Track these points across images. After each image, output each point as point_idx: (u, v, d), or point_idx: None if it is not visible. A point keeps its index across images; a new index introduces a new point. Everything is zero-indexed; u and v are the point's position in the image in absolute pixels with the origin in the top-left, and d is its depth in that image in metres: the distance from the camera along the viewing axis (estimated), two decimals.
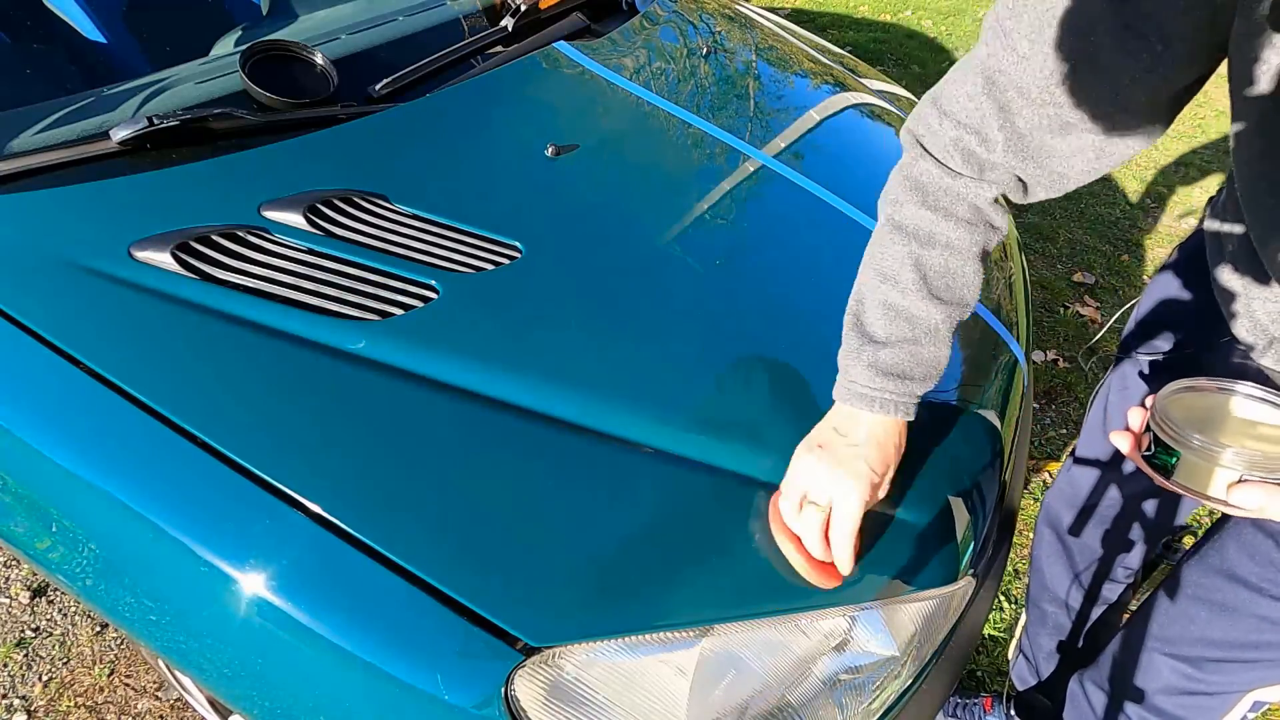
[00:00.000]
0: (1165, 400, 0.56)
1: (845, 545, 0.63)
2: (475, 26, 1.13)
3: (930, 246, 0.65)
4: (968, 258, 0.66)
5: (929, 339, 0.65)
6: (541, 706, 0.56)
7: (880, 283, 0.66)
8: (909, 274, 0.65)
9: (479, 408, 0.66)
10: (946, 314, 0.66)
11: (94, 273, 0.68)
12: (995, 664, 1.30)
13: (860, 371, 0.66)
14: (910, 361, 0.65)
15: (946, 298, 0.66)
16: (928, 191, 0.64)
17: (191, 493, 0.59)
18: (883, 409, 0.65)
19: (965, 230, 0.65)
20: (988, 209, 0.65)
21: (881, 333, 0.66)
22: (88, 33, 0.96)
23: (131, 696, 1.19)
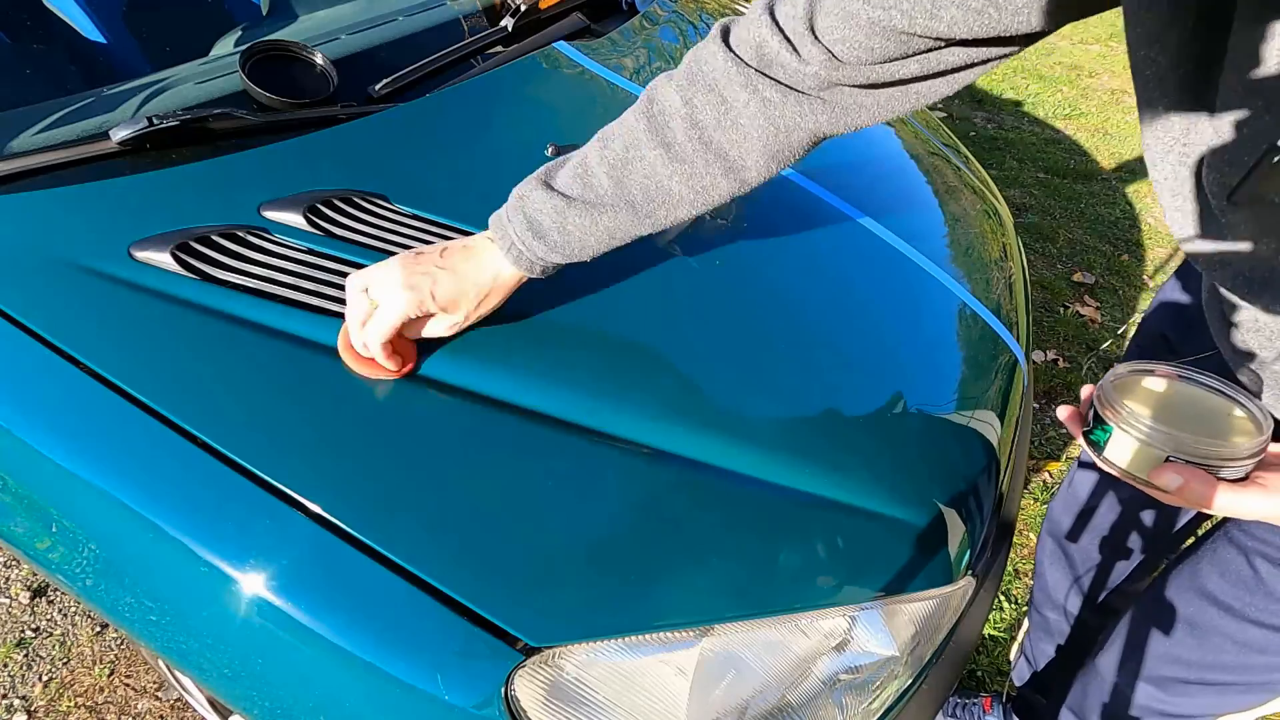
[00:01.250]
0: (1112, 378, 0.55)
1: (373, 345, 0.62)
2: (475, 26, 1.13)
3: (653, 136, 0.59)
4: (680, 177, 0.60)
5: (585, 212, 0.61)
6: (541, 706, 0.56)
7: (596, 141, 0.63)
8: (618, 145, 0.60)
9: (479, 407, 0.66)
10: (617, 207, 0.61)
11: (94, 273, 0.68)
12: (995, 664, 1.31)
13: (512, 201, 0.64)
14: (553, 219, 0.61)
15: (634, 195, 0.61)
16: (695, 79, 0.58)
17: (192, 493, 0.59)
18: (503, 246, 0.63)
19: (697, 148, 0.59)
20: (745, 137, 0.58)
21: (559, 181, 0.63)
22: (88, 33, 0.96)
23: (131, 696, 1.19)
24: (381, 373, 0.65)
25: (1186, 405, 0.54)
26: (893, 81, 0.57)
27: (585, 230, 0.62)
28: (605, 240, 0.63)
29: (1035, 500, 1.57)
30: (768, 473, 0.69)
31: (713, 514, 0.65)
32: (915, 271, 0.96)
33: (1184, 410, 0.53)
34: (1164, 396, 0.55)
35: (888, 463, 0.75)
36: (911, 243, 0.99)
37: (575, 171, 0.62)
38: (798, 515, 0.68)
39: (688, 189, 0.61)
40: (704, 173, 0.60)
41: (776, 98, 0.57)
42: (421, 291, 0.62)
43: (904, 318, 0.91)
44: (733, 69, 0.57)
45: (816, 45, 0.54)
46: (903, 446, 0.77)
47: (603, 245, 0.64)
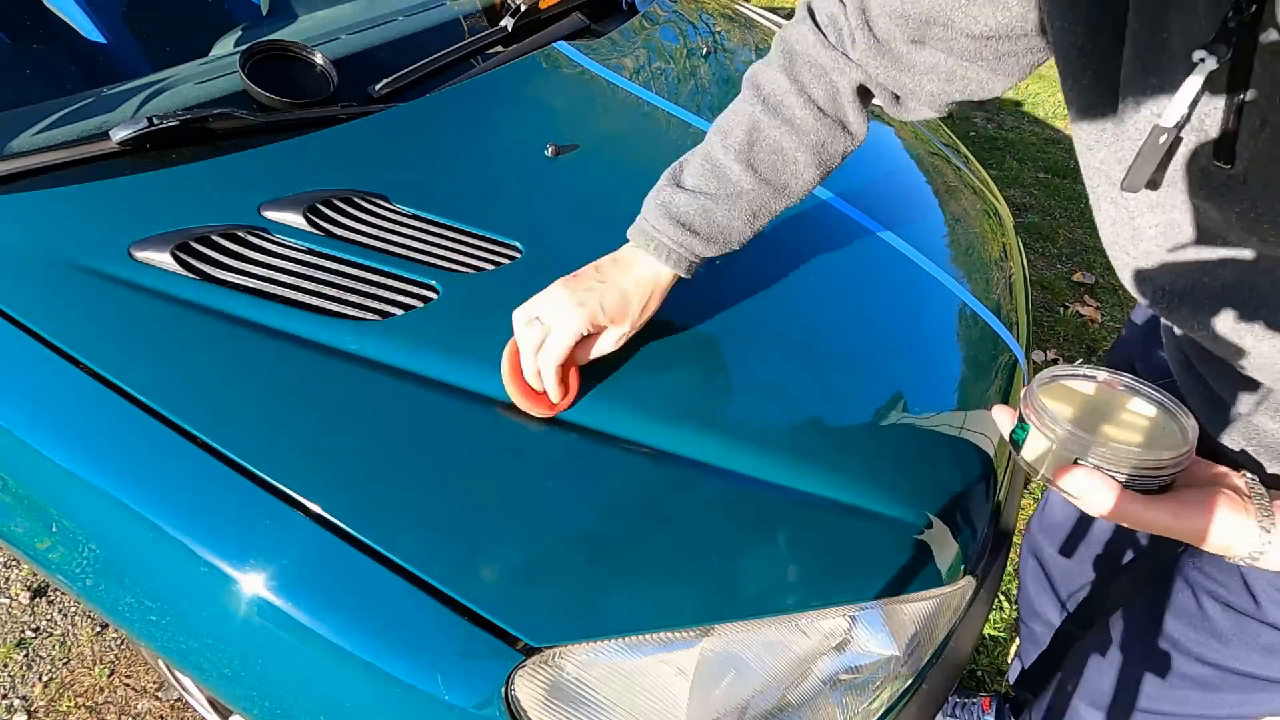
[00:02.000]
0: (1042, 379, 0.54)
1: (546, 370, 0.64)
2: (475, 26, 1.13)
3: (773, 115, 0.64)
4: (804, 145, 0.64)
5: (728, 202, 0.65)
6: (542, 706, 0.56)
7: (713, 135, 0.66)
8: (740, 134, 0.64)
9: (479, 408, 0.66)
10: (758, 188, 0.65)
11: (94, 273, 0.68)
12: (995, 664, 1.31)
13: (652, 210, 0.66)
14: (700, 215, 0.65)
15: (766, 174, 0.65)
16: (795, 57, 0.63)
17: (191, 493, 0.59)
18: (658, 253, 0.66)
19: (814, 115, 0.63)
20: (847, 100, 0.63)
21: (690, 181, 0.66)
22: (88, 33, 0.96)
23: (131, 696, 1.19)
24: (545, 407, 0.66)
25: (1116, 413, 0.53)
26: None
27: (731, 218, 0.65)
28: (750, 223, 0.67)
29: (1035, 501, 1.57)
30: (768, 473, 0.69)
31: (713, 514, 0.65)
32: (915, 271, 0.96)
33: (1112, 417, 0.52)
34: (1093, 401, 0.53)
35: (888, 463, 0.75)
36: (911, 242, 0.99)
37: (703, 168, 0.66)
38: (798, 515, 0.68)
39: (813, 156, 0.65)
40: (825, 136, 0.64)
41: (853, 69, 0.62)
42: (591, 307, 0.64)
43: (904, 318, 0.91)
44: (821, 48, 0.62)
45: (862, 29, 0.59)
46: (903, 446, 0.77)
47: (749, 229, 0.67)
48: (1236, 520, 0.47)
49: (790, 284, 0.88)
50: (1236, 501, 0.48)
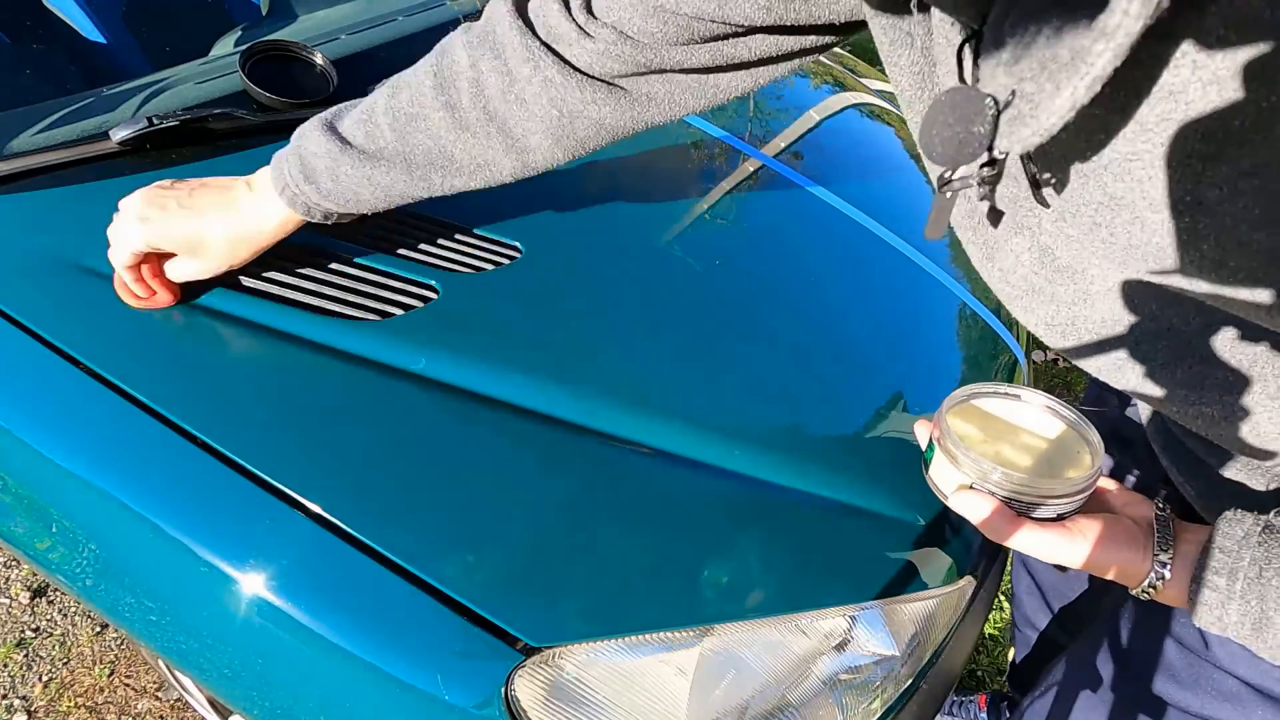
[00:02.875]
0: (955, 399, 0.54)
1: (117, 270, 0.61)
2: None
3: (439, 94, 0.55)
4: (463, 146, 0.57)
5: (358, 162, 0.57)
6: (542, 706, 0.56)
7: (387, 86, 0.58)
8: (406, 98, 0.56)
9: (479, 408, 0.66)
10: (393, 164, 0.57)
11: (94, 273, 0.68)
12: (995, 663, 1.31)
13: (295, 137, 0.59)
14: (327, 163, 0.57)
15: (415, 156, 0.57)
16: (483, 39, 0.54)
17: (191, 493, 0.59)
18: (275, 182, 0.59)
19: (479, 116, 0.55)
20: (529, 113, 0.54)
21: (345, 124, 0.58)
22: (88, 33, 0.96)
23: (131, 696, 1.19)
24: (134, 299, 0.63)
25: (1026, 436, 0.51)
26: (682, 69, 0.54)
27: (358, 182, 0.58)
28: (380, 197, 0.59)
29: None
30: (768, 473, 0.69)
31: (713, 514, 0.65)
32: (915, 271, 0.96)
33: (1020, 441, 0.51)
34: (1004, 424, 0.52)
35: (888, 463, 0.75)
36: (911, 243, 0.99)
37: (361, 117, 0.58)
38: (798, 515, 0.68)
39: (469, 159, 0.58)
40: (486, 145, 0.57)
41: (559, 78, 0.53)
42: (151, 225, 0.58)
43: (904, 317, 0.91)
44: (518, 39, 0.52)
45: (596, 23, 0.51)
46: (903, 447, 0.77)
47: (379, 202, 0.60)
48: (1129, 552, 0.46)
49: (790, 284, 0.88)
50: (1134, 532, 0.46)
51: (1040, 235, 0.43)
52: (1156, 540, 0.46)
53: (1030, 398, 0.53)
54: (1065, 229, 0.39)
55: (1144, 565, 0.46)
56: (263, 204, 0.60)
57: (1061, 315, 0.46)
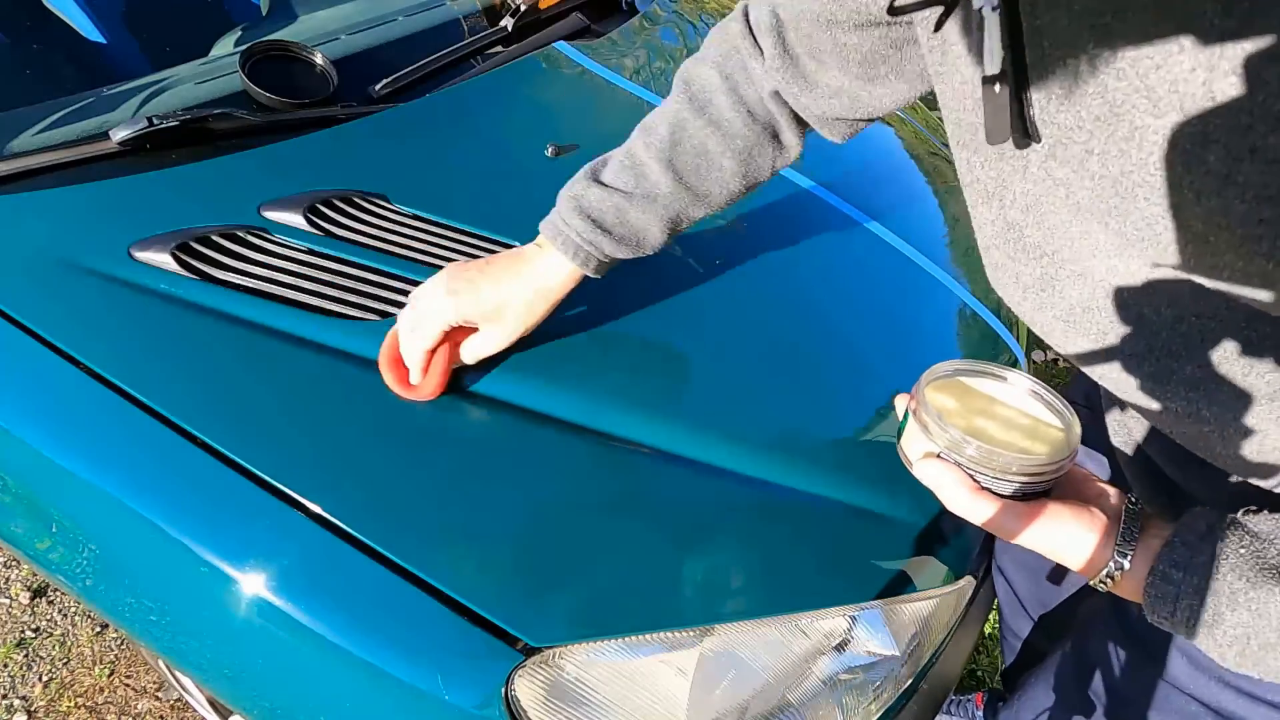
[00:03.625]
0: (939, 373, 0.53)
1: (414, 352, 0.63)
2: (475, 26, 1.13)
3: (699, 115, 0.59)
4: (730, 150, 0.60)
5: (643, 203, 0.60)
6: (542, 706, 0.56)
7: (638, 133, 0.62)
8: (664, 130, 0.60)
9: (479, 408, 0.66)
10: (675, 191, 0.60)
11: (94, 273, 0.68)
12: (995, 663, 1.31)
13: (565, 203, 0.62)
14: (613, 214, 0.60)
15: (688, 178, 0.60)
16: (728, 55, 0.59)
17: (192, 493, 0.59)
18: (563, 247, 0.61)
19: (742, 118, 0.58)
20: (778, 114, 0.58)
21: (607, 176, 0.62)
22: (88, 33, 0.96)
23: (131, 697, 1.19)
24: (410, 390, 0.64)
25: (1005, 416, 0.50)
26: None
27: (647, 221, 0.61)
28: (667, 228, 0.63)
29: None
30: (768, 473, 0.69)
31: (713, 514, 0.65)
32: (915, 271, 0.96)
33: (998, 419, 0.50)
34: (985, 401, 0.51)
35: (888, 463, 0.74)
36: (911, 242, 0.99)
37: (623, 164, 0.62)
38: (798, 515, 0.68)
39: (738, 162, 0.60)
40: (754, 145, 0.60)
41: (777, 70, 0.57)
42: (463, 299, 0.61)
43: (904, 317, 0.91)
44: (747, 46, 0.57)
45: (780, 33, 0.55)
46: None
47: (665, 234, 0.63)
48: (1089, 539, 0.45)
49: (790, 284, 0.88)
50: (1099, 521, 0.45)
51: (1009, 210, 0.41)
52: (1121, 531, 0.45)
53: (1016, 380, 0.52)
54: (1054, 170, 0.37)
55: (1104, 554, 0.45)
56: (551, 263, 0.63)
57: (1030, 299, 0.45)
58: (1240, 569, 0.39)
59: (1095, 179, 0.35)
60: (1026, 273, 0.44)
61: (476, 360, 0.67)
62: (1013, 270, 0.45)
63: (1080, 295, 0.42)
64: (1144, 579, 0.43)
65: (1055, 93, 0.34)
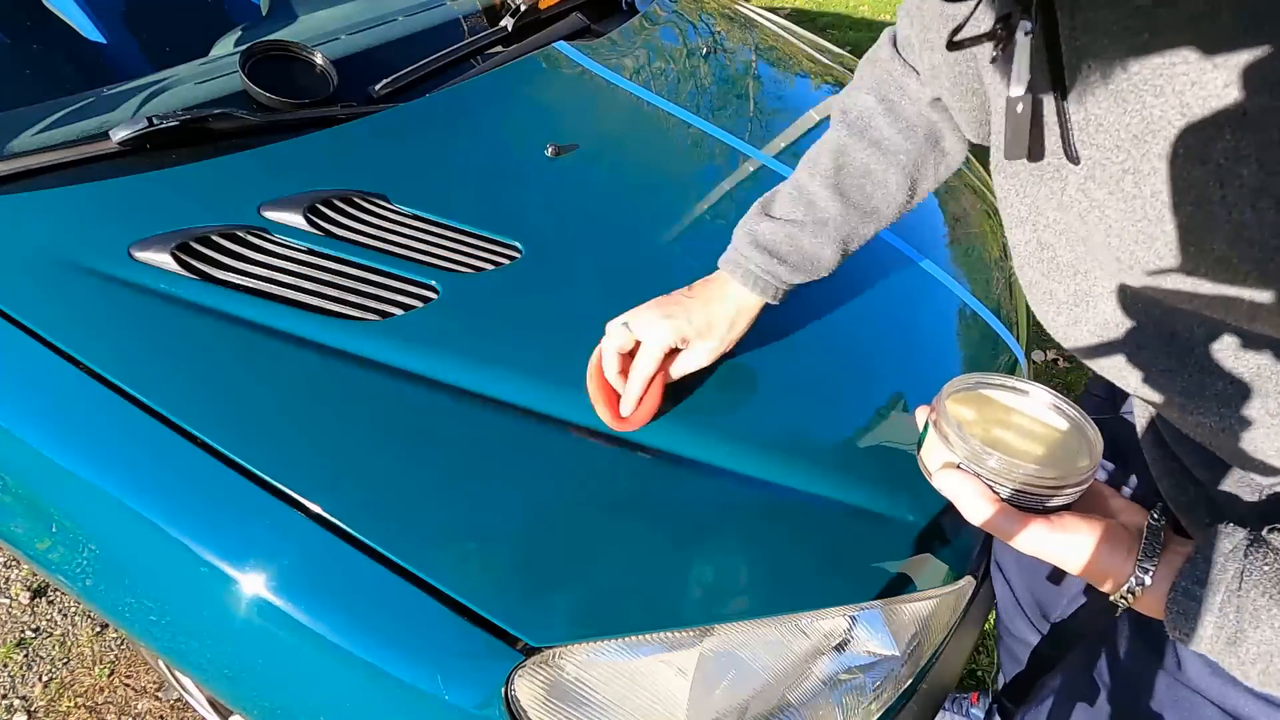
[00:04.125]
0: (959, 385, 0.53)
1: (635, 380, 0.66)
2: (475, 26, 1.13)
3: (860, 138, 0.63)
4: (894, 165, 0.63)
5: (814, 230, 0.64)
6: (542, 706, 0.56)
7: (804, 164, 0.66)
8: (827, 159, 0.64)
9: (479, 408, 0.66)
10: (845, 213, 0.64)
11: (94, 273, 0.68)
12: (995, 663, 1.31)
13: (742, 238, 0.67)
14: (787, 243, 0.65)
15: (855, 198, 0.64)
16: (881, 80, 0.62)
17: (191, 493, 0.59)
18: (743, 279, 0.66)
19: (902, 134, 0.62)
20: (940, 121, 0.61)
21: (778, 209, 0.66)
22: (88, 33, 0.96)
23: (131, 697, 1.19)
24: (622, 423, 0.66)
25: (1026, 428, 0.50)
26: None
27: (821, 246, 0.65)
28: (840, 249, 0.66)
29: None
30: (768, 473, 0.69)
31: (713, 514, 0.65)
32: (915, 271, 0.96)
33: (1019, 432, 0.50)
34: (1006, 413, 0.51)
35: (887, 463, 0.75)
36: (911, 242, 0.99)
37: (792, 197, 0.65)
38: (798, 515, 0.68)
39: (903, 176, 0.63)
40: (916, 156, 0.63)
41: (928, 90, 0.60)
42: (679, 320, 0.66)
43: (904, 317, 0.91)
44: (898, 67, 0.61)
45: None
46: (903, 447, 0.77)
47: (839, 255, 0.67)
48: (1110, 554, 0.45)
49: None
50: (1120, 536, 0.45)
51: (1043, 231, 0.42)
52: (1143, 547, 0.45)
53: (1035, 393, 0.53)
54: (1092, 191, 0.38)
55: (1125, 569, 0.44)
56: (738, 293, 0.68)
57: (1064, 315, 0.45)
58: (1264, 585, 0.39)
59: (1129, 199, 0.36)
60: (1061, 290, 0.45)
61: (683, 375, 0.70)
62: (1046, 288, 0.46)
63: (1113, 312, 0.43)
64: (1165, 595, 0.43)
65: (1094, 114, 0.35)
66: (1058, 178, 0.40)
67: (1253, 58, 0.28)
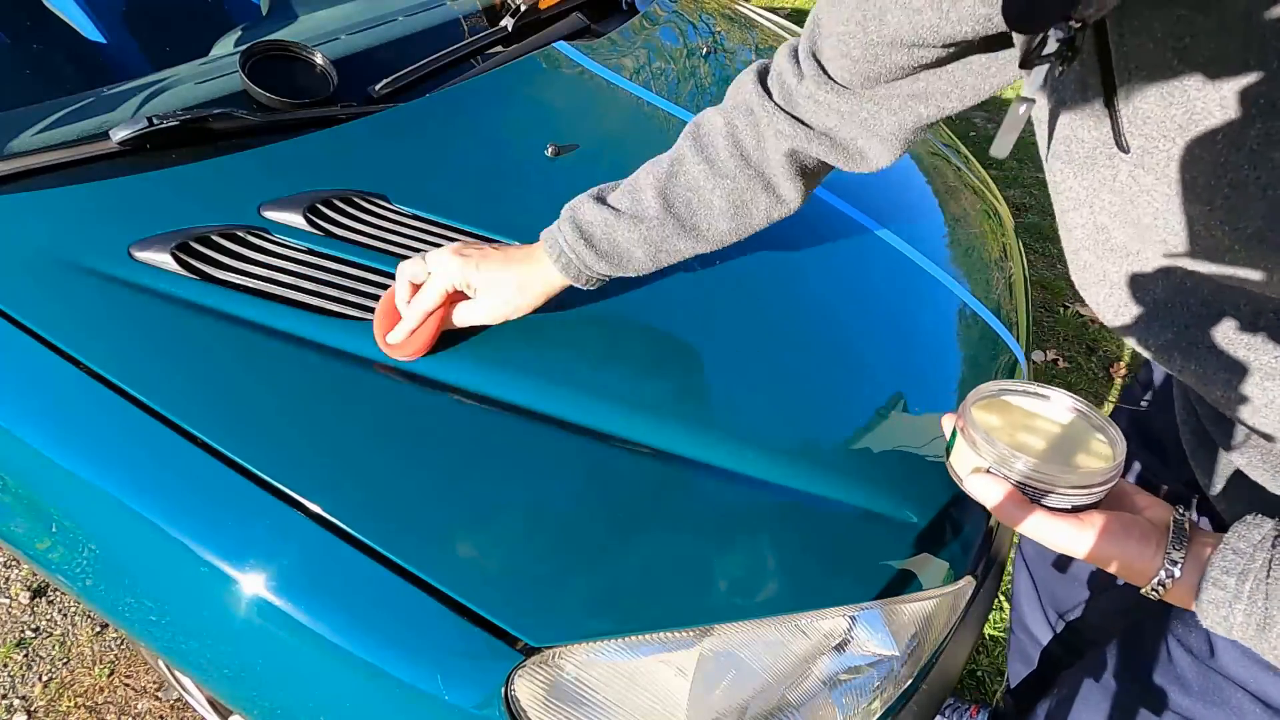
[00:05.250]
0: (983, 392, 0.55)
1: (412, 310, 0.66)
2: (475, 26, 1.13)
3: (698, 152, 0.64)
4: (721, 190, 0.64)
5: (630, 224, 0.65)
6: (542, 707, 0.56)
7: (646, 164, 0.68)
8: (665, 163, 0.66)
9: (479, 408, 0.66)
10: (663, 219, 0.65)
11: (94, 273, 0.68)
12: (995, 664, 1.31)
13: (564, 213, 0.68)
14: (602, 227, 0.65)
15: (678, 207, 0.65)
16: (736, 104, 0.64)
17: (191, 493, 0.59)
18: (550, 250, 0.67)
19: (736, 161, 0.64)
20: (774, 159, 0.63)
21: (609, 197, 0.68)
22: (88, 33, 0.96)
23: (131, 696, 1.19)
24: (392, 349, 0.67)
25: (1050, 432, 0.52)
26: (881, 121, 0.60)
27: (632, 242, 0.66)
28: (652, 254, 0.67)
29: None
30: (768, 473, 0.69)
31: (713, 514, 0.65)
32: (915, 272, 0.96)
33: (1044, 436, 0.52)
34: (1030, 418, 0.53)
35: (888, 463, 0.75)
36: (911, 243, 0.99)
37: (625, 189, 0.67)
38: (797, 515, 0.68)
39: (728, 202, 0.65)
40: (744, 187, 0.65)
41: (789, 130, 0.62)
42: (468, 267, 0.66)
43: (904, 318, 0.91)
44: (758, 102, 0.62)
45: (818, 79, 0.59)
46: (902, 446, 0.77)
47: (649, 260, 0.68)
48: (1139, 548, 0.46)
49: (790, 284, 0.88)
50: (1147, 531, 0.47)
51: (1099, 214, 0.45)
52: (1170, 540, 0.47)
53: (1056, 397, 0.54)
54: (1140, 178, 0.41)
55: (1154, 562, 0.46)
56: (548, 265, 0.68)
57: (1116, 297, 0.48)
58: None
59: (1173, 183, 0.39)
60: (1114, 271, 0.47)
61: (463, 325, 0.70)
62: (1099, 269, 0.49)
63: (1164, 292, 0.45)
64: (1195, 585, 0.45)
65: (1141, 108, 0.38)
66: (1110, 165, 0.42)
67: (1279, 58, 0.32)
